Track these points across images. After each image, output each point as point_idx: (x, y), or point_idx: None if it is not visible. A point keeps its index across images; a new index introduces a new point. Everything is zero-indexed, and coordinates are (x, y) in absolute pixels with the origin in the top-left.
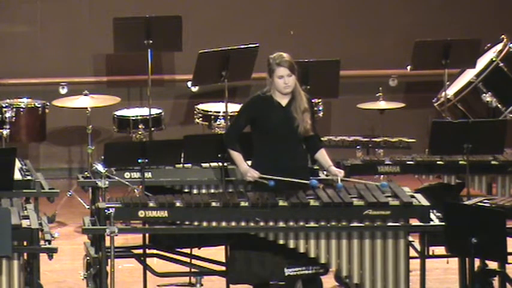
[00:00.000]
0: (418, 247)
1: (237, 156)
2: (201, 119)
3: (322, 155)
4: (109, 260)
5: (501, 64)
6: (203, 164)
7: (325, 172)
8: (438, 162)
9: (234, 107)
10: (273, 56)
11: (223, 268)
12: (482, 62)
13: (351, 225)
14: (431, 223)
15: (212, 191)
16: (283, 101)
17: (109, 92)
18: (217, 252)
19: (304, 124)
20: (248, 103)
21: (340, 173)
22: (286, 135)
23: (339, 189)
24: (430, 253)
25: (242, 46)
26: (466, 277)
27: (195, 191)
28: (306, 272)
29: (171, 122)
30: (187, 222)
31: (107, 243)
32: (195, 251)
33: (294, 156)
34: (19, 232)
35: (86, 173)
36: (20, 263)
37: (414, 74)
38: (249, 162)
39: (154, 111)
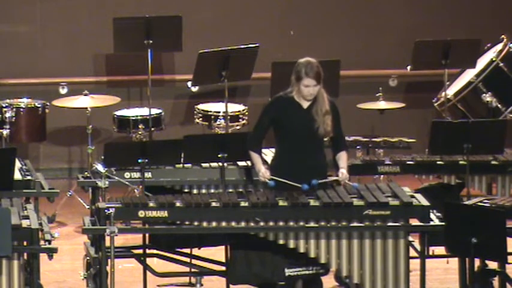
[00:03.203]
0: (418, 247)
1: (255, 157)
2: (201, 119)
3: (340, 157)
4: (109, 260)
5: (501, 64)
6: (203, 164)
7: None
8: (438, 162)
9: (234, 107)
10: (302, 61)
11: (223, 268)
12: (482, 62)
13: (351, 225)
14: (431, 223)
15: (212, 191)
16: (305, 103)
17: (109, 92)
18: (217, 252)
19: (325, 126)
20: (270, 104)
21: (343, 174)
22: (306, 136)
23: (314, 185)
24: (430, 253)
25: (242, 46)
26: (466, 277)
27: (195, 191)
28: (307, 272)
29: (171, 122)
30: (187, 222)
31: (107, 243)
32: (195, 251)
33: (313, 158)
34: (19, 232)
35: (86, 173)
36: (20, 263)
37: (414, 74)
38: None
39: (154, 111)
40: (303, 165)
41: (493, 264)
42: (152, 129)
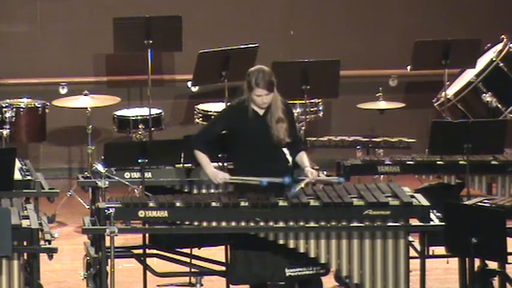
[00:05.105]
0: (418, 247)
1: (203, 158)
2: (201, 119)
3: (300, 158)
4: (109, 260)
5: (501, 64)
6: None
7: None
8: (438, 162)
9: None
10: (253, 70)
11: (223, 268)
12: (482, 62)
13: (351, 225)
14: (431, 223)
15: (212, 191)
16: (261, 110)
17: (109, 92)
18: (217, 252)
19: (277, 134)
20: (225, 113)
21: (312, 173)
22: (264, 143)
23: (286, 183)
24: (430, 253)
25: (242, 46)
26: (466, 277)
27: (195, 191)
28: (307, 272)
29: (171, 122)
30: (187, 222)
31: (107, 243)
32: (195, 251)
33: (272, 161)
34: (19, 232)
35: (86, 173)
36: (20, 263)
37: (414, 74)
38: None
39: (154, 111)
40: (265, 173)
41: (493, 264)
42: (152, 129)
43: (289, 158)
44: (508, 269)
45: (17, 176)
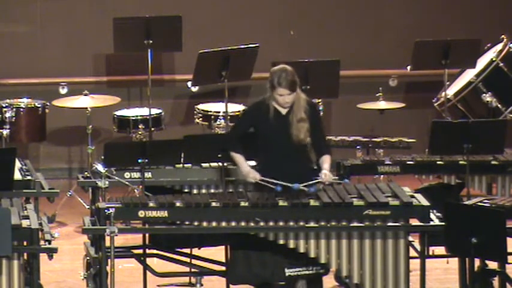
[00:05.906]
0: (418, 247)
1: (238, 158)
2: (201, 119)
3: (323, 160)
4: (109, 260)
5: (501, 64)
6: (203, 164)
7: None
8: (438, 162)
9: (234, 107)
10: (276, 70)
11: (223, 268)
12: (482, 62)
13: (351, 225)
14: (431, 223)
15: (212, 191)
16: (283, 110)
17: (109, 92)
18: (217, 252)
19: (297, 133)
20: (249, 111)
21: (326, 175)
22: (284, 142)
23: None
24: (430, 253)
25: (242, 46)
26: (466, 277)
27: (195, 191)
28: (307, 272)
29: (171, 122)
30: (187, 222)
31: (107, 243)
32: (195, 251)
33: (295, 161)
34: (19, 232)
35: (86, 173)
36: (20, 263)
37: (414, 74)
38: (251, 162)
39: (154, 111)
40: (286, 170)
41: (493, 264)
42: (152, 129)
43: (314, 160)
44: (508, 269)
45: (17, 176)
